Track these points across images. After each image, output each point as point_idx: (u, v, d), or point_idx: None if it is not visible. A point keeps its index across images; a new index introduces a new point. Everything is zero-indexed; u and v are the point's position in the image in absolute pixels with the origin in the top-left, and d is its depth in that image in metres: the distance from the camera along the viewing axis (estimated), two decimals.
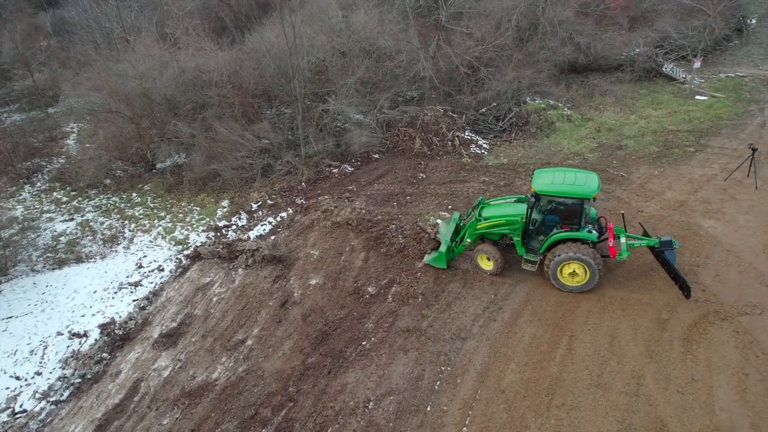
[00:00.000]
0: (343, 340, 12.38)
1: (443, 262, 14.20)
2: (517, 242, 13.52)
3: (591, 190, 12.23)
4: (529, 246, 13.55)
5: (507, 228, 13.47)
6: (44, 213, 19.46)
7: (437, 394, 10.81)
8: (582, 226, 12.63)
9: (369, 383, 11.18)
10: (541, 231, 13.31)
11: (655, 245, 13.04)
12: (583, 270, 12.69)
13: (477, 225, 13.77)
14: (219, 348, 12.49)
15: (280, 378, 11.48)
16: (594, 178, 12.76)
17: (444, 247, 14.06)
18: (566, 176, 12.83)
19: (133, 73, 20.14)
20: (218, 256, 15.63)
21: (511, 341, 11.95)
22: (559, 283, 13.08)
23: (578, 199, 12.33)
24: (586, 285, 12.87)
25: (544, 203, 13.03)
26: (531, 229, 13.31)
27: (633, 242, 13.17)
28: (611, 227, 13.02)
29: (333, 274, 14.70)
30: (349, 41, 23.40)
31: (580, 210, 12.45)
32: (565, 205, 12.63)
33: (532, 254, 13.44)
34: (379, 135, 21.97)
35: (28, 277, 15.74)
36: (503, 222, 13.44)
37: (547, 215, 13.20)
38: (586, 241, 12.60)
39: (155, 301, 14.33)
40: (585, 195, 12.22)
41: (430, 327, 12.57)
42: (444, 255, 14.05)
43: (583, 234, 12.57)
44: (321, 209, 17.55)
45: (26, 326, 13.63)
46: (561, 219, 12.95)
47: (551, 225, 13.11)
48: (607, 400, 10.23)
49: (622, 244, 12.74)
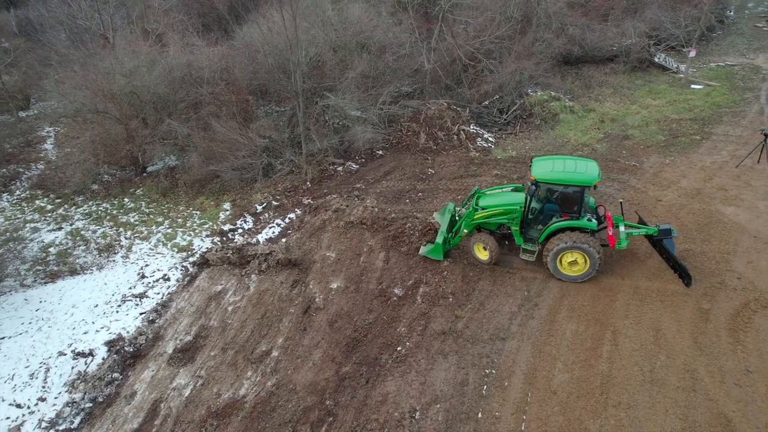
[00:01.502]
0: (376, 346, 11.65)
1: (440, 254, 13.83)
2: (515, 232, 13.24)
3: (592, 177, 11.98)
4: (527, 235, 13.28)
5: (505, 217, 13.17)
6: (28, 223, 18.00)
7: (486, 399, 10.22)
8: (581, 215, 12.40)
9: (411, 391, 10.49)
10: (540, 220, 13.07)
11: (654, 234, 12.91)
12: (583, 259, 12.45)
13: (474, 215, 13.42)
14: (242, 361, 11.57)
15: (314, 391, 10.67)
16: (594, 165, 12.52)
17: (440, 239, 13.69)
18: (566, 164, 12.57)
19: (121, 70, 18.82)
20: (228, 262, 14.65)
21: (553, 339, 11.46)
22: (559, 273, 12.83)
23: (579, 187, 12.07)
24: (585, 274, 12.64)
25: (543, 192, 12.75)
26: (530, 218, 13.03)
27: (632, 231, 13.05)
28: (610, 216, 12.84)
29: (354, 276, 13.93)
30: (345, 35, 22.58)
31: (581, 198, 12.21)
32: (566, 193, 12.38)
33: (530, 244, 13.19)
34: (382, 131, 21.25)
35: (18, 293, 14.41)
36: (501, 211, 13.15)
37: (546, 204, 12.95)
38: (585, 230, 12.37)
39: (165, 313, 13.27)
40: (586, 182, 11.97)
41: (466, 328, 11.97)
42: (440, 246, 13.67)
43: (584, 222, 12.33)
44: (331, 209, 16.71)
45: (22, 347, 12.39)
46: (560, 207, 12.70)
47: (550, 214, 12.87)
48: (664, 396, 9.83)
49: (621, 233, 12.55)
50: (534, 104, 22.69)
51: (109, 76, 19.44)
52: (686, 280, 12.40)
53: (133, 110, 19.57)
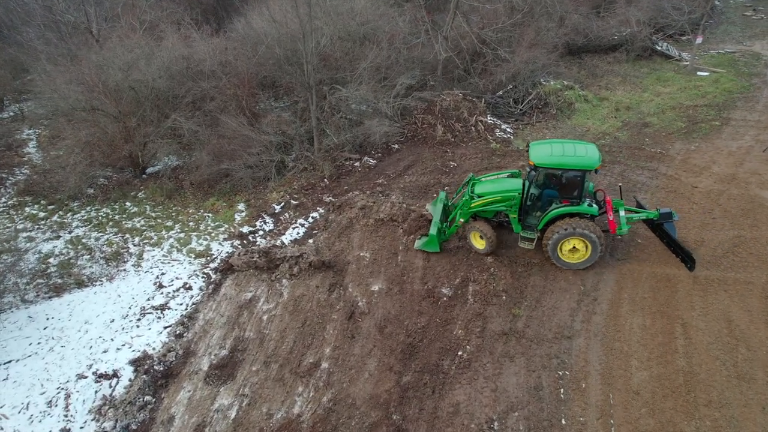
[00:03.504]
0: (435, 352, 10.77)
1: (435, 246, 13.27)
2: (514, 219, 12.74)
3: (593, 160, 11.53)
4: (525, 223, 12.78)
5: (503, 204, 12.65)
6: (20, 232, 16.37)
7: (566, 403, 9.47)
8: (582, 200, 11.95)
9: (484, 399, 9.67)
10: (538, 206, 12.60)
11: (654, 218, 12.59)
12: (584, 246, 12.00)
13: (471, 203, 12.86)
14: (289, 375, 10.51)
15: (376, 404, 9.72)
16: (593, 148, 12.07)
17: (434, 230, 13.11)
18: (565, 147, 12.10)
19: (118, 63, 17.32)
20: (255, 266, 13.51)
21: (621, 335, 10.81)
22: (560, 261, 12.38)
23: (580, 171, 11.59)
24: (587, 261, 12.24)
25: (543, 177, 12.27)
26: (528, 204, 12.51)
27: (632, 215, 12.71)
28: (609, 201, 12.43)
29: (395, 277, 13.00)
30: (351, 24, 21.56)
31: (582, 182, 11.73)
32: (566, 177, 11.89)
33: (529, 231, 12.69)
34: (397, 124, 20.32)
35: (20, 310, 12.92)
36: (499, 198, 12.62)
37: (545, 189, 12.45)
38: (585, 216, 11.92)
39: (192, 325, 12.05)
40: (587, 166, 11.53)
41: (527, 327, 11.21)
42: (435, 238, 13.12)
43: (584, 208, 11.87)
44: (357, 206, 15.70)
45: (34, 371, 11.01)
46: (560, 193, 12.22)
47: (549, 200, 12.39)
48: (755, 392, 9.29)
49: (621, 218, 12.16)
50: (549, 93, 22.14)
51: (104, 70, 17.92)
52: (689, 264, 12.12)
53: (131, 107, 18.08)
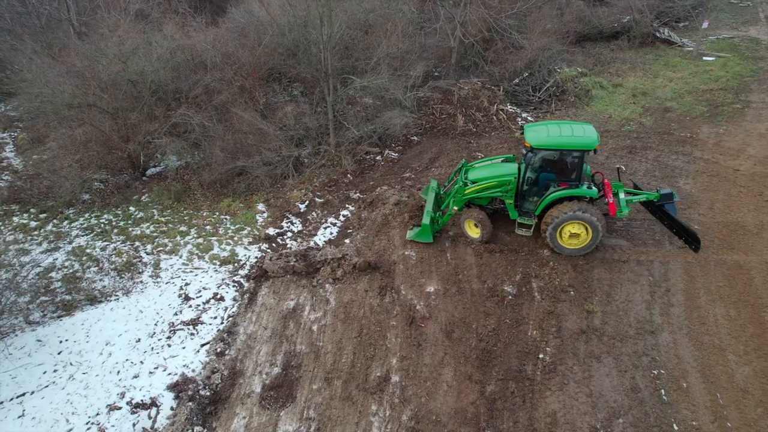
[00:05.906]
0: (514, 356, 9.82)
1: (429, 236, 12.64)
2: (510, 205, 12.21)
3: (592, 140, 11.06)
4: (522, 209, 12.26)
5: (499, 190, 12.10)
6: (11, 244, 14.56)
7: (671, 406, 8.67)
8: (580, 183, 11.47)
9: (581, 407, 8.77)
10: (535, 191, 12.06)
11: (655, 199, 12.20)
12: (584, 230, 11.52)
13: (465, 190, 12.30)
14: (357, 392, 9.36)
15: (464, 420, 8.69)
16: (591, 128, 11.60)
17: (427, 219, 12.46)
18: (561, 128, 11.67)
19: (118, 54, 15.63)
20: (292, 271, 12.25)
21: (707, 328, 10.11)
22: (560, 248, 11.87)
23: (579, 151, 11.11)
24: (587, 246, 11.79)
25: (539, 159, 11.72)
26: (525, 189, 11.97)
27: (632, 197, 12.31)
28: (608, 183, 11.99)
29: (449, 276, 11.98)
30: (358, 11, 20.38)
31: (580, 164, 11.25)
32: (564, 159, 11.43)
33: (526, 217, 12.20)
34: (414, 115, 19.28)
35: (26, 333, 11.28)
36: (495, 184, 12.07)
37: (542, 173, 11.91)
38: (584, 198, 11.44)
39: (233, 341, 10.71)
40: (586, 146, 11.05)
41: (605, 324, 10.40)
42: (429, 228, 12.49)
43: (584, 190, 11.38)
44: (390, 202, 14.59)
45: (54, 404, 9.48)
46: (558, 175, 11.73)
47: (546, 183, 11.86)
48: None
49: (621, 200, 11.74)
50: (565, 81, 21.54)
51: (96, 61, 16.19)
52: (694, 245, 11.70)
53: (130, 102, 16.42)
